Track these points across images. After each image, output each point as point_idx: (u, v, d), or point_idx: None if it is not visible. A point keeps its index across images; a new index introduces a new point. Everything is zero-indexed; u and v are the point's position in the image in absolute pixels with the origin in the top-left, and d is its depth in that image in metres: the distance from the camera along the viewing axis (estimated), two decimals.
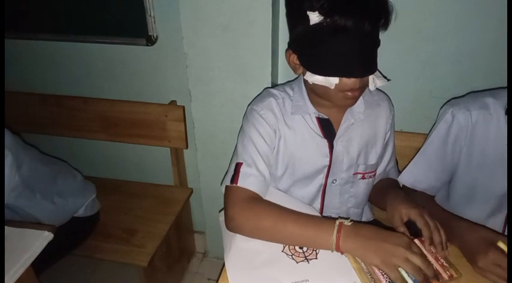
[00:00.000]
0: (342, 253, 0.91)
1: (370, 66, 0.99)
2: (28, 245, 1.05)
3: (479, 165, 1.12)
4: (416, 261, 0.83)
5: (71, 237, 1.55)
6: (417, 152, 1.23)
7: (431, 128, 1.22)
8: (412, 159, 1.23)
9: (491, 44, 1.31)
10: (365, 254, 0.88)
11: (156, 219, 1.76)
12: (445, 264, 0.91)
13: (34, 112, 1.87)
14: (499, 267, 0.87)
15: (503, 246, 0.89)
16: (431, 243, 0.93)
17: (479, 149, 1.11)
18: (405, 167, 1.24)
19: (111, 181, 2.00)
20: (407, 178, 1.23)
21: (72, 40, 1.70)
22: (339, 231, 0.90)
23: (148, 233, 1.69)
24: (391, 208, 1.03)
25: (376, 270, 0.89)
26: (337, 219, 0.94)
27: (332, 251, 0.91)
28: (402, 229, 0.97)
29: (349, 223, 0.92)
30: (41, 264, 1.10)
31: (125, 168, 2.07)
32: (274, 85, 1.48)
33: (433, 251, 0.94)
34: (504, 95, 1.09)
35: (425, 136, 1.25)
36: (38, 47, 1.78)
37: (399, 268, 0.85)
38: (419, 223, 0.95)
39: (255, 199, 1.04)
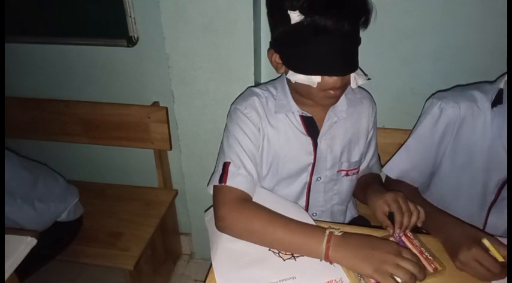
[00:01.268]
0: (331, 262, 0.90)
1: (351, 65, 1.00)
2: (11, 251, 1.02)
3: (463, 161, 1.13)
4: (408, 266, 0.83)
5: (54, 242, 1.52)
6: (402, 145, 1.23)
7: (417, 120, 1.22)
8: (397, 151, 1.23)
9: (470, 41, 1.34)
10: (356, 263, 0.87)
11: (140, 221, 1.74)
12: (429, 257, 0.92)
13: (14, 116, 1.83)
14: (479, 263, 0.87)
15: (487, 244, 0.89)
16: (401, 226, 0.94)
17: (464, 144, 1.11)
18: (390, 158, 1.24)
19: (95, 185, 1.97)
20: (391, 170, 1.23)
21: (52, 42, 1.67)
22: (328, 241, 0.89)
23: (134, 236, 1.67)
24: (372, 204, 1.04)
25: None
26: (327, 228, 0.93)
27: (321, 260, 0.90)
28: (386, 223, 0.98)
29: (339, 233, 0.91)
30: (25, 270, 1.08)
31: (108, 171, 2.04)
32: (258, 84, 1.48)
33: (418, 245, 0.96)
34: (490, 89, 1.10)
35: (408, 132, 1.26)
36: (17, 49, 1.74)
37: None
38: (393, 208, 0.96)
39: (246, 200, 1.03)
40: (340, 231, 0.92)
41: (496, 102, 1.06)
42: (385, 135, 1.48)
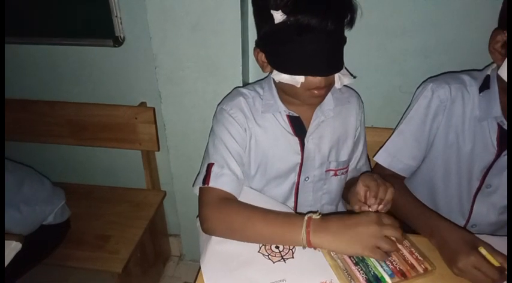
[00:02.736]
0: (314, 248, 0.90)
1: (336, 64, 0.99)
2: None
3: (453, 140, 1.14)
4: (393, 233, 0.86)
5: (40, 246, 1.49)
6: (391, 133, 1.23)
7: (408, 107, 1.23)
8: (388, 138, 1.23)
9: (458, 38, 1.34)
10: (342, 247, 0.87)
11: (129, 224, 1.72)
12: (419, 257, 0.92)
13: None
14: (478, 270, 0.86)
15: (484, 252, 0.89)
16: (376, 196, 0.94)
17: (454, 124, 1.13)
18: (381, 147, 1.23)
19: (82, 187, 1.94)
20: (383, 157, 1.22)
21: (37, 42, 1.65)
22: (308, 226, 0.89)
23: (122, 238, 1.65)
24: (350, 195, 1.03)
25: (352, 266, 0.89)
26: (306, 213, 0.93)
27: (304, 247, 0.90)
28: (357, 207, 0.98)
29: (318, 217, 0.91)
30: (10, 275, 1.06)
31: (96, 172, 2.02)
32: (246, 84, 1.47)
33: (408, 245, 0.95)
34: (478, 75, 1.13)
35: None
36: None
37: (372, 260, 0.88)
38: (368, 181, 0.97)
39: (227, 199, 1.03)
40: (319, 214, 0.92)
41: (483, 87, 1.09)
42: (374, 134, 1.47)
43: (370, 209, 0.95)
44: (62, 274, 1.87)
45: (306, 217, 0.91)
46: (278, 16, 0.92)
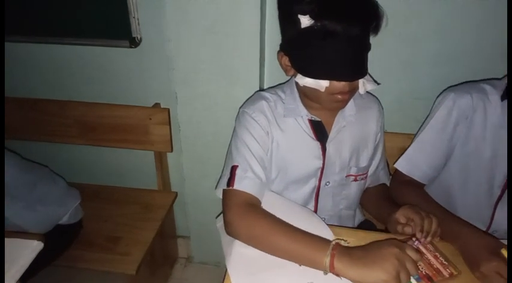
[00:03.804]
0: (337, 275, 0.85)
1: (360, 70, 1.00)
2: (16, 256, 0.99)
3: (472, 149, 1.14)
4: (412, 268, 0.82)
5: (54, 245, 1.48)
6: (412, 141, 1.24)
7: (428, 115, 1.23)
8: (409, 146, 1.24)
9: (470, 45, 1.35)
10: (364, 271, 0.82)
11: (140, 225, 1.72)
12: (444, 262, 0.93)
13: (8, 117, 1.78)
14: (499, 275, 0.87)
15: (506, 253, 0.90)
16: (422, 229, 0.94)
17: (475, 133, 1.13)
18: (402, 153, 1.24)
19: (92, 187, 1.93)
20: (403, 164, 1.23)
21: (52, 42, 1.63)
22: (334, 249, 0.86)
23: (132, 240, 1.64)
24: (390, 226, 1.04)
25: None
26: (333, 239, 0.91)
27: (325, 272, 0.86)
28: (400, 227, 0.98)
29: (346, 244, 0.90)
30: (23, 275, 1.05)
31: (106, 173, 2.01)
32: (261, 88, 1.47)
33: (432, 250, 0.96)
34: (498, 84, 1.13)
35: (409, 136, 1.27)
36: (17, 49, 1.69)
37: None
38: (411, 214, 0.97)
39: (251, 205, 1.02)
40: (347, 243, 0.91)
41: (505, 96, 1.10)
42: (386, 138, 1.45)
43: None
44: (72, 276, 1.86)
45: (334, 242, 0.88)
46: (305, 21, 0.93)
